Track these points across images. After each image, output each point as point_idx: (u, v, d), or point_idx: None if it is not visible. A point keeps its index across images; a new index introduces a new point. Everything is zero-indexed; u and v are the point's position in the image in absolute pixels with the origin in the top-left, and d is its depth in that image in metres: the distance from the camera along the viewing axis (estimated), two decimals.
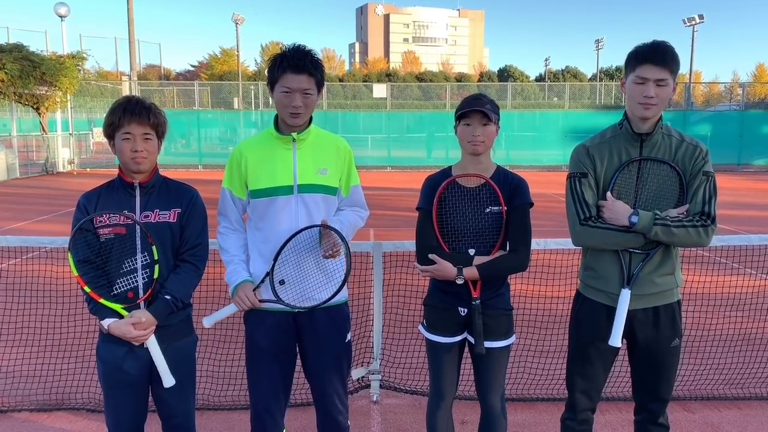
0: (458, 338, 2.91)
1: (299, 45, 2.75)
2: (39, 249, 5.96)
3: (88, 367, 4.40)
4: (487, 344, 2.81)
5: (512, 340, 2.92)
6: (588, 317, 2.82)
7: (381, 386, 4.40)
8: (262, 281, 2.76)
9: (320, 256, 2.76)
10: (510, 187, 2.82)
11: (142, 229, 2.64)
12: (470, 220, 2.81)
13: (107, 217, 2.62)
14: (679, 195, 2.66)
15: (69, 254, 2.60)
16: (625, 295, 2.65)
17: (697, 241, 2.59)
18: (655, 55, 2.55)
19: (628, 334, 2.74)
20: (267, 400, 2.89)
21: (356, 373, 4.27)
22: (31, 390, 4.32)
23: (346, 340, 2.96)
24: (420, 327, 3.01)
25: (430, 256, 2.80)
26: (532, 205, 2.85)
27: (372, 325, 4.39)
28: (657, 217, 2.57)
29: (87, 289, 2.58)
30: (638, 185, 2.68)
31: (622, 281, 2.68)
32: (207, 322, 2.76)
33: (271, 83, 2.76)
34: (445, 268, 2.76)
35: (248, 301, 2.73)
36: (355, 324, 4.33)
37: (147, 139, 2.61)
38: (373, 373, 4.34)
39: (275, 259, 2.73)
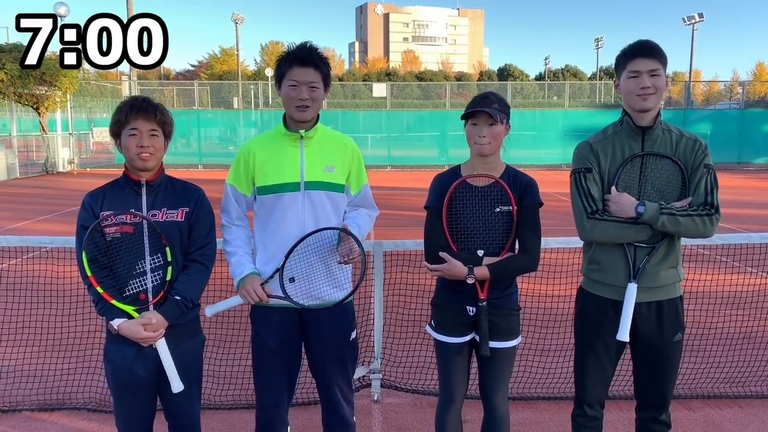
0: (467, 338, 2.87)
1: (306, 42, 2.77)
2: (39, 249, 5.95)
3: (89, 367, 4.40)
4: (494, 344, 2.78)
5: (518, 341, 2.89)
6: (593, 313, 2.83)
7: (382, 385, 4.39)
8: (271, 277, 2.74)
9: (333, 259, 2.77)
10: (520, 187, 2.80)
11: (150, 228, 2.61)
12: (480, 220, 2.77)
13: (113, 216, 2.60)
14: (682, 188, 2.71)
15: (83, 254, 2.56)
16: (632, 289, 2.67)
17: (702, 231, 2.64)
18: (644, 49, 2.67)
19: (631, 329, 2.74)
20: (273, 395, 2.91)
21: (357, 372, 4.27)
22: (31, 390, 4.32)
23: (351, 338, 2.97)
24: (428, 328, 2.97)
25: (441, 254, 2.75)
26: (541, 204, 2.84)
27: (373, 325, 4.38)
28: (663, 207, 2.61)
29: (99, 290, 2.55)
30: (641, 180, 2.71)
31: (629, 275, 2.70)
32: (209, 311, 2.74)
33: (279, 79, 2.78)
34: (456, 267, 2.71)
35: (255, 296, 2.69)
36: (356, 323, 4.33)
37: (153, 135, 2.61)
38: (374, 372, 4.34)
39: (287, 256, 2.71)
